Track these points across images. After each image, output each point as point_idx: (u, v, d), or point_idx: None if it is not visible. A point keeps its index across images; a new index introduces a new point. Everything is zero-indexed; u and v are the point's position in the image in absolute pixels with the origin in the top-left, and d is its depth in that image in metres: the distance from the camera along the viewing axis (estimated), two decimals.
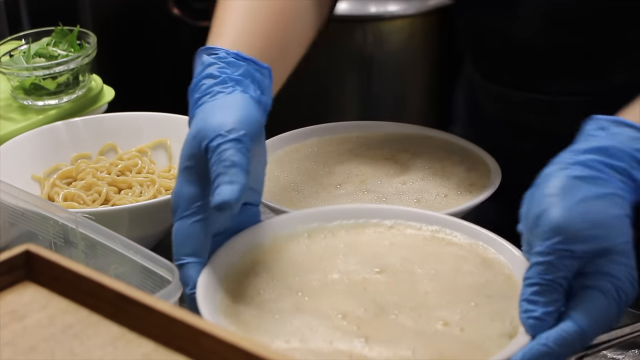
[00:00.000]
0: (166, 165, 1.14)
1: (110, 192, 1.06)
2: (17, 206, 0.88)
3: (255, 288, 0.80)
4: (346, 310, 0.76)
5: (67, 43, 1.22)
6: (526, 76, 1.09)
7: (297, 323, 0.75)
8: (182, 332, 0.57)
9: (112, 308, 0.60)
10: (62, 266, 0.62)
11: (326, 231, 0.87)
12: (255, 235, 0.84)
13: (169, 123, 1.16)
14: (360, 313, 0.76)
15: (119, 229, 0.85)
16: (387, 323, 0.75)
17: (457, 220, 0.86)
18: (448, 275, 0.80)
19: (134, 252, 0.80)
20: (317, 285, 0.80)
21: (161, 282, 0.77)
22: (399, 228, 0.86)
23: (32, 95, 1.20)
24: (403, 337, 0.73)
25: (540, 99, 1.09)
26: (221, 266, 0.80)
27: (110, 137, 1.16)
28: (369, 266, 0.82)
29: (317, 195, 1.01)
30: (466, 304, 0.77)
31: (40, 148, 1.12)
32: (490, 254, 0.82)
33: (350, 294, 0.78)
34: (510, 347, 0.72)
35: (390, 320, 0.75)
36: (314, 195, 1.01)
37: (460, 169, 1.04)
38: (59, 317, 0.61)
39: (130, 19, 2.51)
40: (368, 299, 0.77)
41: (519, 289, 0.75)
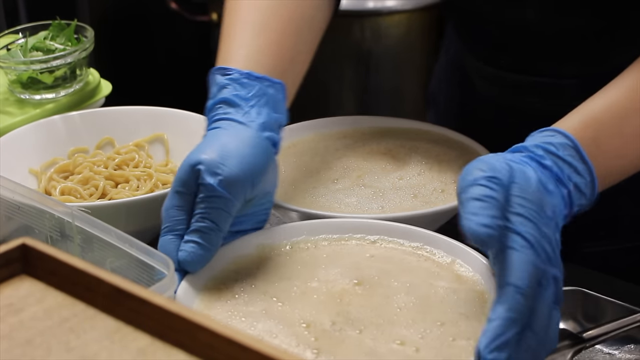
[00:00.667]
0: (163, 159, 1.14)
1: (107, 186, 1.06)
2: (13, 200, 0.88)
3: (232, 292, 0.81)
4: (313, 320, 0.77)
5: (64, 37, 1.22)
6: (529, 59, 1.09)
7: (261, 327, 0.77)
8: (178, 325, 0.57)
9: (108, 302, 0.60)
10: (58, 260, 0.62)
11: (309, 243, 0.87)
12: (240, 246, 0.86)
13: (167, 117, 1.16)
14: (325, 326, 0.77)
15: (116, 223, 0.85)
16: (347, 339, 0.75)
17: (440, 237, 0.87)
18: (423, 290, 0.81)
19: (130, 245, 0.80)
20: (295, 293, 0.81)
21: (157, 275, 0.77)
22: (382, 243, 0.88)
23: (29, 89, 1.20)
24: (354, 355, 0.74)
25: (543, 82, 1.09)
26: (202, 277, 0.82)
27: (108, 131, 1.15)
28: (348, 277, 0.82)
29: (314, 190, 1.01)
30: (433, 322, 0.77)
31: (38, 142, 1.12)
32: (466, 272, 0.83)
33: (325, 304, 0.79)
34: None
35: (351, 337, 0.76)
36: (310, 190, 1.01)
37: (457, 164, 1.04)
38: (55, 310, 0.61)
39: (128, 13, 2.51)
40: (340, 311, 0.78)
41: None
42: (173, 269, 0.76)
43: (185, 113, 1.15)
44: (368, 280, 0.82)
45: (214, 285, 0.82)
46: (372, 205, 0.98)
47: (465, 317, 0.77)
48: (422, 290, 0.81)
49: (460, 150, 1.07)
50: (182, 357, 0.57)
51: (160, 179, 1.08)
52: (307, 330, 0.76)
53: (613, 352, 0.90)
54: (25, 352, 0.57)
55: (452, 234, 0.88)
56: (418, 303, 0.79)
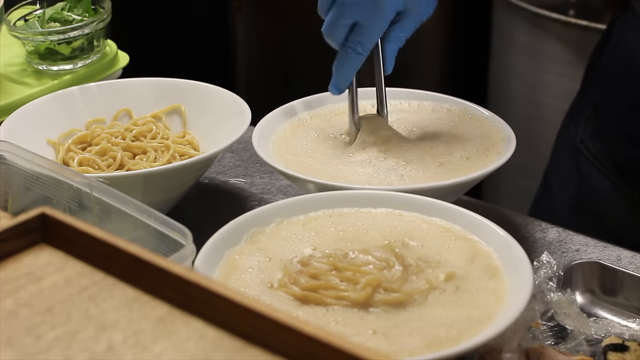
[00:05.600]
0: (180, 130, 1.14)
1: (125, 157, 1.07)
2: (32, 170, 0.88)
3: (250, 264, 0.82)
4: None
5: (81, 8, 1.22)
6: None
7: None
8: (196, 294, 0.58)
9: (127, 271, 0.61)
10: (77, 229, 0.63)
11: (326, 215, 0.87)
12: (259, 219, 0.87)
13: (184, 89, 1.16)
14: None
15: (134, 194, 0.85)
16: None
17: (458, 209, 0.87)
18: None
19: (148, 216, 0.80)
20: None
21: (175, 246, 0.78)
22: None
23: (46, 60, 1.20)
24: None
25: None
26: (220, 249, 0.83)
27: (125, 103, 1.16)
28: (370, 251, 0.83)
29: (332, 161, 1.01)
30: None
31: (55, 113, 1.12)
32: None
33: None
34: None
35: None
36: (329, 161, 1.01)
37: (477, 134, 1.04)
38: (74, 279, 0.61)
39: None
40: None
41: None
42: (191, 239, 0.77)
43: (202, 85, 1.15)
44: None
45: (232, 257, 0.83)
46: (391, 175, 0.98)
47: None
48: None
49: (480, 121, 1.07)
50: (200, 325, 0.58)
51: (177, 150, 1.08)
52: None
53: (630, 324, 0.90)
54: (45, 319, 0.58)
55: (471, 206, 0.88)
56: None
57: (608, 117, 1.18)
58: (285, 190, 1.13)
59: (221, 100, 1.12)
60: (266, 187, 1.14)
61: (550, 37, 2.00)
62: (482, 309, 0.76)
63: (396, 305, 0.76)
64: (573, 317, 0.86)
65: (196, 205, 1.10)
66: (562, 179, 1.27)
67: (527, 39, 2.06)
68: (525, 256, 0.80)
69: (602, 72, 1.20)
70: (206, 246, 0.82)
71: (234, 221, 0.86)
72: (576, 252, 1.00)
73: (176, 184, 1.04)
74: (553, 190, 1.29)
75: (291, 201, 0.89)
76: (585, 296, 0.94)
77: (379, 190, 0.91)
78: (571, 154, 1.24)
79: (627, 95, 1.15)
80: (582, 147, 1.22)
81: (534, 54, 2.06)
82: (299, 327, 0.54)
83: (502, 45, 2.17)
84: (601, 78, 1.20)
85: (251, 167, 1.18)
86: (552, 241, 1.02)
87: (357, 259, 0.81)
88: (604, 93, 1.19)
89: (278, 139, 1.06)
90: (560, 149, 1.31)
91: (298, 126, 1.08)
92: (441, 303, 0.77)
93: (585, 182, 1.22)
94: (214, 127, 1.10)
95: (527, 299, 0.75)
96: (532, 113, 2.08)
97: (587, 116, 1.21)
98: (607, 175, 1.18)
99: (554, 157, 1.33)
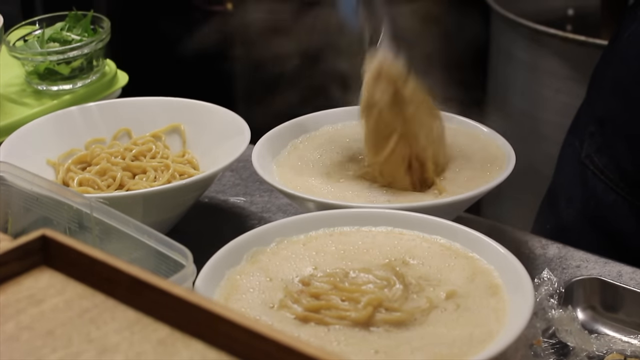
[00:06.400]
0: (180, 150, 1.14)
1: (125, 177, 1.07)
2: (32, 191, 0.88)
3: (250, 284, 0.82)
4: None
5: (81, 28, 1.22)
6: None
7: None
8: (198, 316, 0.58)
9: (128, 293, 0.60)
10: (78, 251, 0.62)
11: (326, 234, 0.87)
12: (259, 239, 0.87)
13: (183, 108, 1.16)
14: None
15: (134, 214, 0.85)
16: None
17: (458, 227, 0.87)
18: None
19: (148, 236, 0.80)
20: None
21: (175, 266, 0.77)
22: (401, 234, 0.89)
23: (46, 80, 1.20)
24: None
25: None
26: (220, 269, 0.83)
27: (125, 122, 1.16)
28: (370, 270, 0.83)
29: (331, 178, 1.01)
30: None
31: (55, 133, 1.13)
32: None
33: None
34: None
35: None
36: (328, 179, 1.01)
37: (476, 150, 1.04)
38: (75, 301, 0.61)
39: (144, 4, 2.51)
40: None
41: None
42: (191, 259, 0.77)
43: (201, 104, 1.16)
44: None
45: (233, 277, 0.83)
46: (391, 193, 0.98)
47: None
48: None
49: (479, 138, 1.07)
50: (201, 347, 0.57)
51: (177, 169, 1.08)
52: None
53: (632, 340, 0.90)
54: (46, 342, 0.58)
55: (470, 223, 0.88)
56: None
57: (616, 131, 1.18)
58: (285, 209, 1.13)
59: (220, 119, 1.13)
60: (266, 206, 1.14)
61: (548, 53, 2.01)
62: (483, 327, 0.76)
63: (397, 324, 0.76)
64: (574, 334, 0.86)
65: (196, 224, 1.10)
66: (569, 196, 1.26)
67: (526, 55, 2.07)
68: (526, 273, 0.80)
69: (611, 86, 1.20)
70: (207, 266, 0.82)
71: (234, 241, 0.86)
72: (577, 268, 1.00)
73: (176, 204, 1.04)
74: (560, 208, 1.28)
75: (291, 220, 0.89)
76: (586, 313, 0.93)
77: (379, 208, 0.91)
78: (577, 170, 1.24)
79: (636, 109, 1.14)
80: (588, 162, 1.21)
81: (532, 70, 2.07)
82: (301, 348, 0.54)
83: (500, 61, 2.18)
84: (609, 91, 1.20)
85: (251, 186, 1.18)
86: (552, 257, 1.02)
87: (358, 278, 0.81)
88: (612, 107, 1.19)
89: (278, 157, 1.06)
90: (564, 165, 1.31)
91: (298, 144, 1.08)
92: (442, 322, 0.77)
93: (593, 198, 1.21)
94: (213, 146, 1.11)
95: (529, 316, 0.75)
96: (531, 128, 2.08)
97: (592, 131, 1.21)
98: (615, 189, 1.18)
99: (558, 174, 1.32)
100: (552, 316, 0.86)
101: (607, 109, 1.19)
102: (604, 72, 1.22)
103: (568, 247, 1.04)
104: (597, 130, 1.20)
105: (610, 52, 1.22)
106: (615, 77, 1.18)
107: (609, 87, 1.19)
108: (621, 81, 1.17)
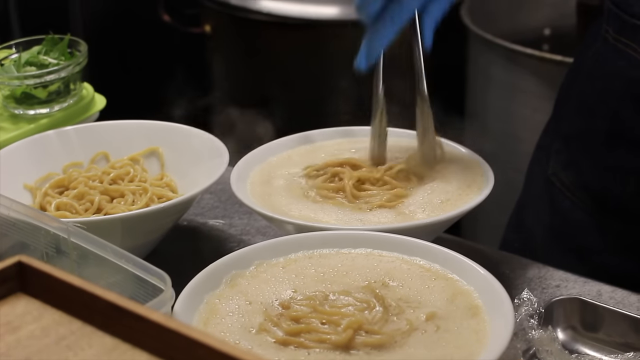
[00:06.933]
0: (158, 173, 1.14)
1: (103, 201, 1.06)
2: (8, 216, 0.88)
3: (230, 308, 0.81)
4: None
5: (57, 51, 1.22)
6: None
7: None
8: (176, 342, 0.57)
9: (106, 319, 0.60)
10: (55, 277, 0.62)
11: (306, 257, 0.87)
12: (238, 262, 0.86)
13: (161, 131, 1.16)
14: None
15: (112, 238, 0.84)
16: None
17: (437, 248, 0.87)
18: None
19: (126, 261, 0.80)
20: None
21: (154, 291, 0.77)
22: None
23: (23, 104, 1.20)
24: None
25: None
26: (199, 293, 0.82)
27: (102, 146, 1.15)
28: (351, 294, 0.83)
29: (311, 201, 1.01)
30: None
31: (32, 157, 1.12)
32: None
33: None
34: None
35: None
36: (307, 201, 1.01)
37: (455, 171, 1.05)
38: (52, 328, 0.60)
39: (122, 27, 2.51)
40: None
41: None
42: (170, 284, 0.76)
43: (179, 126, 1.15)
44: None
45: (212, 301, 0.82)
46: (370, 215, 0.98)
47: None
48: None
49: (457, 159, 1.07)
50: None
51: (155, 193, 1.07)
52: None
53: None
54: None
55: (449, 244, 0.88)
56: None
57: (582, 148, 1.19)
58: (265, 231, 1.12)
59: (199, 142, 1.12)
60: (245, 228, 1.13)
61: (525, 72, 2.02)
62: (463, 349, 0.76)
63: (378, 346, 0.76)
64: (555, 355, 0.86)
65: (175, 247, 1.09)
66: (535, 212, 1.27)
67: (503, 75, 2.08)
68: (505, 294, 0.79)
69: (576, 103, 1.20)
70: (185, 290, 0.81)
71: (213, 264, 0.85)
72: (556, 287, 1.00)
73: (154, 227, 1.04)
74: (526, 223, 1.29)
75: (270, 243, 0.89)
76: (566, 333, 0.93)
77: (358, 230, 0.91)
78: (544, 186, 1.24)
79: (602, 125, 1.15)
80: (555, 179, 1.22)
81: (509, 89, 2.08)
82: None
83: (478, 81, 2.18)
84: (574, 109, 1.21)
85: (230, 208, 1.18)
86: (532, 277, 1.02)
87: (337, 300, 0.81)
88: (577, 123, 1.20)
89: (256, 179, 1.06)
90: (532, 182, 1.31)
91: (276, 166, 1.08)
92: (423, 343, 0.76)
93: (559, 214, 1.22)
94: (192, 169, 1.10)
95: (509, 337, 0.75)
96: (509, 148, 2.09)
97: (558, 148, 1.22)
98: (582, 206, 1.19)
99: (526, 191, 1.33)
100: (533, 337, 0.86)
101: (573, 126, 1.20)
102: (569, 90, 1.23)
103: (548, 266, 1.04)
104: (563, 148, 1.21)
105: (575, 69, 1.23)
106: (580, 95, 1.19)
107: (574, 105, 1.20)
108: (586, 99, 1.18)
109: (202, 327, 0.79)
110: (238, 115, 2.37)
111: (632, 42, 1.08)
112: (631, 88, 1.10)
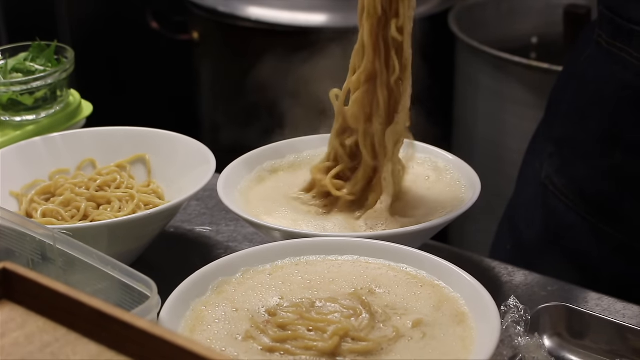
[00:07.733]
0: (145, 180, 1.13)
1: (89, 207, 1.06)
2: None
3: (216, 315, 0.81)
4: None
5: (44, 58, 1.21)
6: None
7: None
8: (162, 349, 0.57)
9: (91, 326, 0.60)
10: (39, 284, 0.62)
11: (293, 264, 0.87)
12: (224, 269, 0.86)
13: (148, 138, 1.15)
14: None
15: (98, 245, 0.84)
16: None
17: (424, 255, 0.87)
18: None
19: (112, 267, 0.79)
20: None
21: (140, 297, 0.77)
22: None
23: (9, 110, 1.19)
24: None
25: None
26: (186, 300, 0.82)
27: (89, 152, 1.15)
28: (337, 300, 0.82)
29: (297, 208, 1.01)
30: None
31: (18, 164, 1.11)
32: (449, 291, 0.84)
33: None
34: None
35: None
36: (294, 208, 1.01)
37: (441, 178, 1.05)
38: (36, 335, 0.60)
39: (109, 34, 2.50)
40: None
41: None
42: (156, 291, 0.76)
43: (166, 133, 1.15)
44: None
45: (198, 308, 0.82)
46: (356, 222, 0.98)
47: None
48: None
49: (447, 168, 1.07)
50: None
51: (142, 199, 1.07)
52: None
53: None
54: None
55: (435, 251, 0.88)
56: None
57: (575, 152, 1.19)
58: (252, 238, 1.12)
59: (186, 149, 1.12)
60: (232, 235, 1.13)
61: (513, 80, 2.02)
62: (450, 356, 0.76)
63: (364, 354, 0.76)
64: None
65: (162, 254, 1.09)
66: (529, 217, 1.27)
67: (491, 82, 2.08)
68: (492, 301, 0.79)
69: (569, 107, 1.21)
70: (172, 297, 0.81)
71: (199, 271, 0.85)
72: (543, 295, 1.00)
73: (141, 234, 1.03)
74: (520, 229, 1.29)
75: (257, 250, 0.89)
76: (553, 340, 0.93)
77: (345, 237, 0.91)
78: (537, 191, 1.25)
79: (595, 129, 1.16)
80: (548, 182, 1.22)
81: (497, 97, 2.08)
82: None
83: (466, 89, 2.19)
84: (566, 113, 1.21)
85: (217, 215, 1.17)
86: (519, 284, 1.02)
87: (324, 307, 0.81)
88: (570, 128, 1.20)
89: (243, 186, 1.05)
90: (524, 186, 1.31)
91: (263, 173, 1.08)
92: (409, 351, 0.76)
93: (553, 218, 1.22)
94: (179, 176, 1.10)
95: (495, 344, 0.75)
96: (496, 155, 2.09)
97: (551, 152, 1.22)
98: (575, 209, 1.19)
99: (518, 196, 1.33)
100: (519, 344, 0.86)
101: (565, 130, 1.20)
102: (561, 94, 1.23)
103: (534, 273, 1.04)
104: (556, 151, 1.21)
105: (568, 73, 1.23)
106: (573, 99, 1.19)
107: (566, 109, 1.21)
108: (579, 103, 1.18)
109: (188, 334, 0.78)
110: (225, 122, 2.37)
111: (626, 47, 1.09)
112: (625, 91, 1.10)
